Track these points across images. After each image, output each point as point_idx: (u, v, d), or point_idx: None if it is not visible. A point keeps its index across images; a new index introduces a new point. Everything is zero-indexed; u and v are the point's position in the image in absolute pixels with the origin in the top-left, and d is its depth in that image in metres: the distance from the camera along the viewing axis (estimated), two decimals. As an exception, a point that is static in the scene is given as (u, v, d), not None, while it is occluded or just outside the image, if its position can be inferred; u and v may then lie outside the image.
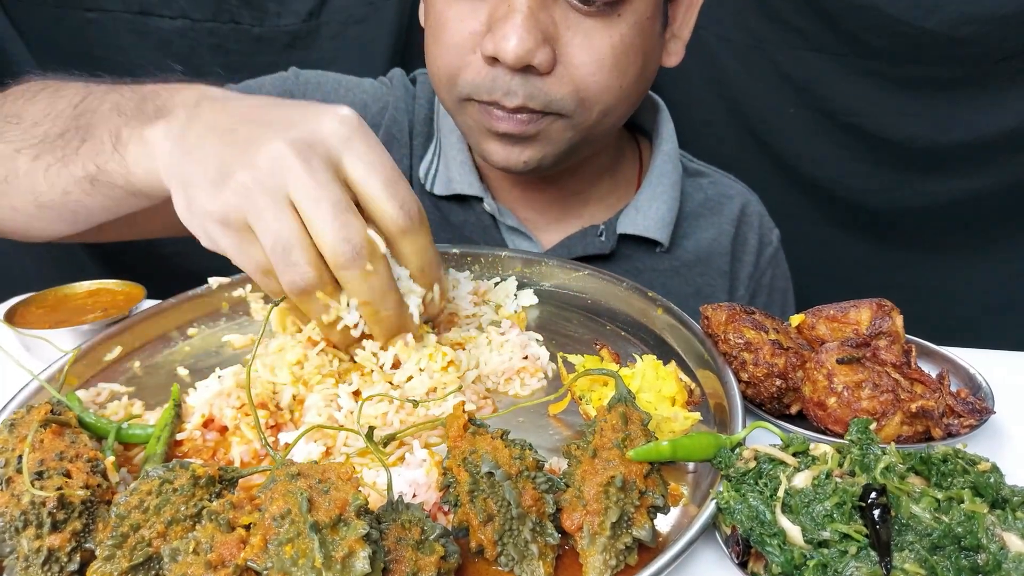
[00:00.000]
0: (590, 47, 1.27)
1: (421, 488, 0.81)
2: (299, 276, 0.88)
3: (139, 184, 1.04)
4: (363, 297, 0.91)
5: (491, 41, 1.23)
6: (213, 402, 0.93)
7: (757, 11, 2.33)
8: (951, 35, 2.14)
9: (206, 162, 0.91)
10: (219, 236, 0.90)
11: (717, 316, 1.00)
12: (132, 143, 1.03)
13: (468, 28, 1.27)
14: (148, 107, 1.06)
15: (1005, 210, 2.37)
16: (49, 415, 0.80)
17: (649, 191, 1.61)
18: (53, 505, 0.70)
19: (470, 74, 1.30)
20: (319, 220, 0.86)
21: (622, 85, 1.32)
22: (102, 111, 1.10)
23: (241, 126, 0.93)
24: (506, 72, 1.25)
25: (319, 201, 0.86)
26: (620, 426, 0.77)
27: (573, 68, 1.27)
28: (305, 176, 0.87)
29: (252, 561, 0.62)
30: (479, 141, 1.39)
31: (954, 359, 1.02)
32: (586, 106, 1.31)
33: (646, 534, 0.71)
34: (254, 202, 0.87)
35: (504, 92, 1.26)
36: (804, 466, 0.74)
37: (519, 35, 1.19)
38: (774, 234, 1.79)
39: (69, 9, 2.26)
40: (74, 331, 1.10)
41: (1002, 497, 0.71)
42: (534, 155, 1.36)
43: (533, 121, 1.31)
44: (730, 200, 1.74)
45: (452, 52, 1.30)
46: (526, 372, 1.04)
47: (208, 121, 0.96)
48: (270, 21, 2.33)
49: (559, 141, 1.35)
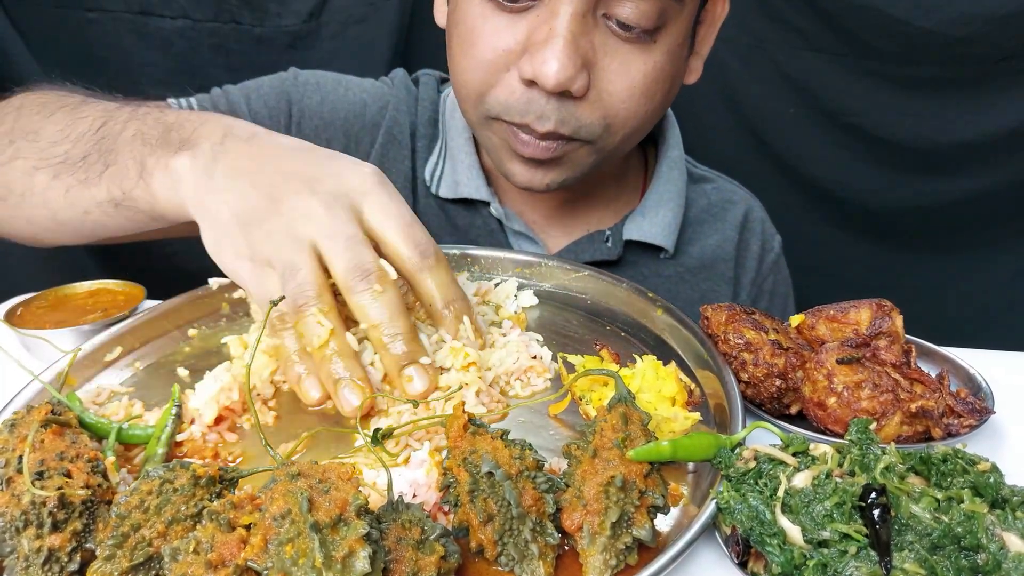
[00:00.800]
0: (625, 74, 1.26)
1: (421, 488, 0.81)
2: (300, 292, 0.92)
3: (162, 210, 1.07)
4: (373, 319, 0.93)
5: (530, 64, 1.21)
6: (219, 399, 0.93)
7: (757, 11, 2.33)
8: (951, 35, 2.14)
9: (237, 204, 0.97)
10: (242, 274, 0.97)
11: (717, 316, 1.00)
12: (158, 172, 1.05)
13: (503, 45, 1.25)
14: (172, 137, 1.07)
15: (1005, 210, 2.37)
16: (49, 415, 0.80)
17: (655, 197, 1.61)
18: (53, 505, 0.70)
19: (503, 93, 1.28)
20: (332, 250, 0.93)
21: (648, 111, 1.32)
22: (125, 137, 1.12)
23: (267, 172, 0.99)
24: (541, 95, 1.24)
25: (334, 236, 0.93)
26: (620, 426, 0.77)
27: (606, 95, 1.26)
28: (326, 220, 0.93)
29: (252, 561, 0.62)
30: (502, 160, 1.38)
31: (954, 359, 1.02)
32: (612, 132, 1.31)
33: (646, 534, 0.71)
34: (278, 245, 0.94)
35: (537, 116, 1.25)
36: (804, 466, 0.74)
37: (561, 61, 1.18)
38: (776, 240, 1.79)
39: (69, 9, 2.26)
40: (74, 331, 1.10)
41: (1002, 497, 0.71)
42: (556, 178, 1.37)
43: (560, 147, 1.30)
44: (733, 206, 1.74)
45: (484, 68, 1.28)
46: (533, 372, 1.04)
47: (234, 161, 1.01)
48: (271, 21, 2.33)
49: (582, 165, 1.36)
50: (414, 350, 0.95)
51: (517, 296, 1.23)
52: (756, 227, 1.75)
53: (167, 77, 2.37)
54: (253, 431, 0.93)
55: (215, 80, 2.38)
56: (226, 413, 0.94)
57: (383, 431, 0.86)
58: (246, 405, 0.95)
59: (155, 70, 2.37)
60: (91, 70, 2.35)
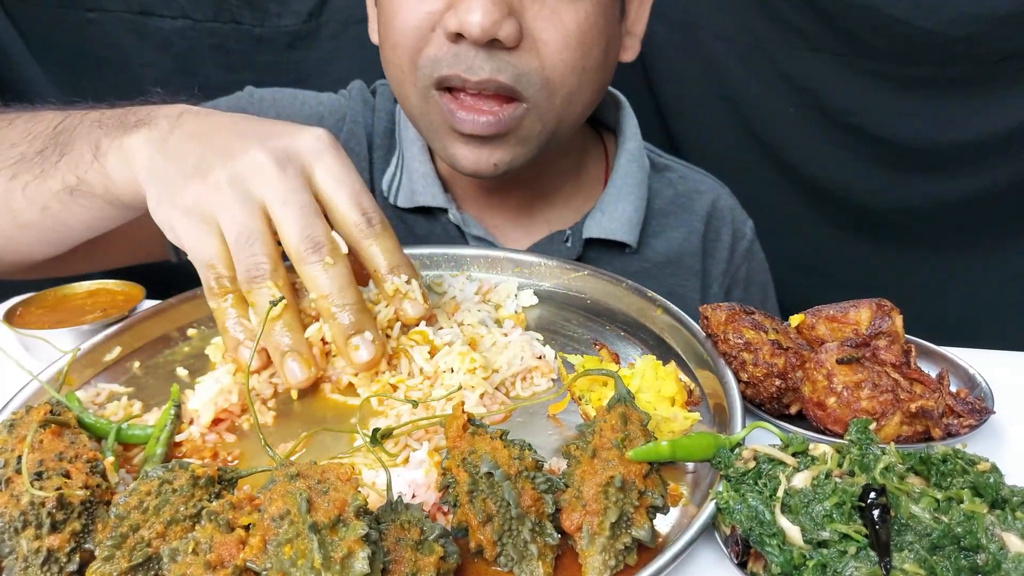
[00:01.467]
0: (557, 22, 1.25)
1: (420, 488, 0.81)
2: (255, 264, 0.93)
3: (118, 191, 1.06)
4: (323, 289, 0.94)
5: (454, 16, 1.21)
6: (217, 400, 0.93)
7: (757, 11, 2.32)
8: (951, 35, 2.14)
9: (183, 160, 0.97)
10: (180, 224, 0.95)
11: (716, 316, 1.00)
12: (112, 152, 1.05)
13: (425, 8, 1.25)
14: (130, 119, 1.07)
15: (1005, 210, 2.37)
16: (48, 415, 0.80)
17: (614, 192, 1.59)
18: (52, 505, 0.70)
19: (431, 50, 1.27)
20: (286, 218, 0.93)
21: (585, 67, 1.31)
22: (82, 127, 1.12)
23: (222, 134, 1.00)
24: (470, 48, 1.23)
25: (287, 203, 0.93)
26: (619, 426, 0.77)
27: (541, 44, 1.26)
28: (278, 181, 0.94)
29: (251, 562, 0.62)
30: (445, 145, 1.36)
31: (954, 359, 1.02)
32: (551, 88, 1.29)
33: (645, 534, 0.71)
34: (225, 196, 0.93)
35: (467, 67, 1.24)
36: (803, 466, 0.74)
37: (484, 7, 1.17)
38: (747, 226, 1.77)
39: (69, 9, 2.26)
40: (74, 331, 1.10)
41: (1001, 497, 0.71)
42: (504, 156, 1.34)
43: (501, 121, 1.28)
44: (700, 196, 1.72)
45: (410, 34, 1.28)
46: (537, 372, 1.04)
47: (190, 129, 1.02)
48: (271, 21, 2.33)
49: (529, 137, 1.34)
50: (362, 320, 0.96)
51: (517, 296, 1.23)
52: (726, 216, 1.73)
53: (167, 77, 2.37)
54: (252, 431, 0.93)
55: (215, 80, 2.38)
56: (225, 414, 0.94)
57: (382, 431, 0.86)
58: (245, 406, 0.95)
59: (155, 70, 2.37)
60: (91, 70, 2.35)
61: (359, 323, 0.96)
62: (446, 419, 0.80)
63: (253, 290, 0.94)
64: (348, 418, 0.95)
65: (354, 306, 0.96)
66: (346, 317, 0.95)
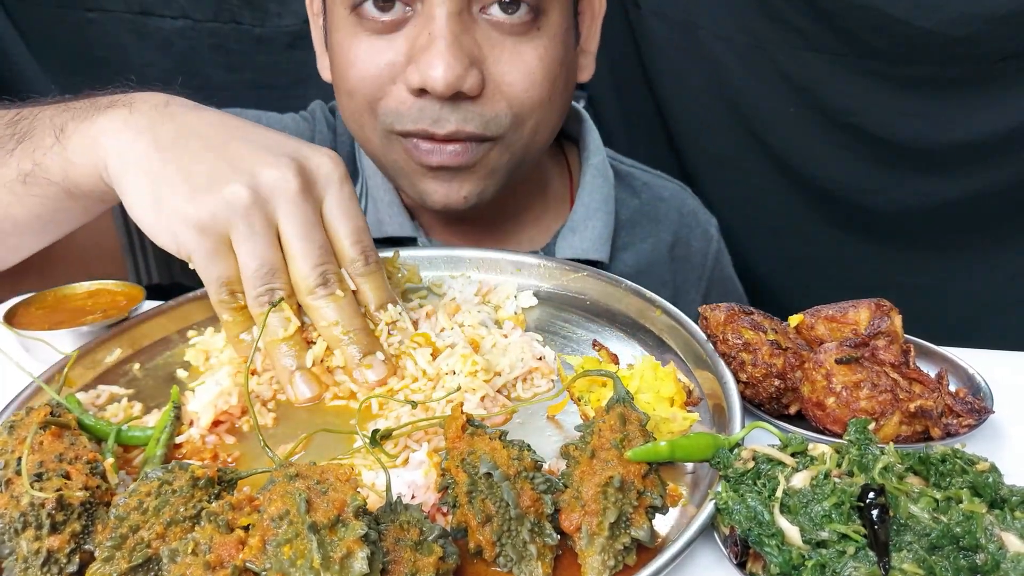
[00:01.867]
0: (519, 63, 1.25)
1: (420, 489, 0.81)
2: (271, 292, 0.95)
3: (79, 177, 1.02)
4: (331, 319, 0.96)
5: (416, 72, 1.19)
6: (216, 403, 0.93)
7: (757, 11, 2.32)
8: (951, 35, 2.14)
9: (192, 165, 0.93)
10: (190, 241, 0.93)
11: (715, 317, 1.00)
12: (77, 134, 1.00)
13: (384, 60, 1.24)
14: (102, 102, 1.03)
15: (1005, 210, 2.36)
16: (48, 417, 0.80)
17: (583, 210, 1.58)
18: (52, 507, 0.70)
19: (392, 103, 1.26)
20: (302, 253, 0.95)
21: (551, 98, 1.31)
22: (44, 114, 1.07)
23: (232, 140, 0.97)
24: (434, 102, 1.22)
25: (306, 240, 0.94)
26: (618, 427, 0.77)
27: (506, 87, 1.25)
28: (299, 213, 0.94)
29: (250, 562, 0.62)
30: (413, 182, 1.35)
31: (953, 359, 1.02)
32: (519, 122, 1.29)
33: (644, 534, 0.71)
34: (247, 220, 0.92)
35: (433, 120, 1.23)
36: (802, 466, 0.74)
37: (446, 62, 1.16)
38: (712, 226, 1.77)
39: (70, 9, 2.26)
40: (74, 332, 1.10)
41: (1000, 497, 0.71)
42: (474, 189, 1.34)
43: (469, 151, 1.28)
44: (663, 203, 1.71)
45: (369, 83, 1.26)
46: (537, 372, 1.04)
47: (188, 125, 0.98)
48: (271, 21, 2.33)
49: (497, 169, 1.33)
50: (371, 343, 0.99)
51: (516, 296, 1.23)
52: (690, 221, 1.73)
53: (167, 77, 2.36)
54: (252, 433, 0.93)
55: (215, 80, 2.38)
56: (225, 416, 0.94)
57: (382, 432, 0.86)
58: (245, 407, 0.95)
59: (155, 70, 2.37)
60: (91, 70, 2.35)
61: (369, 346, 0.99)
62: (445, 420, 0.80)
63: (262, 309, 0.96)
64: (348, 419, 0.96)
65: (362, 332, 0.99)
66: (357, 340, 0.98)
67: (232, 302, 0.97)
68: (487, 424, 0.87)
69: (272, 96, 2.41)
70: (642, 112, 2.54)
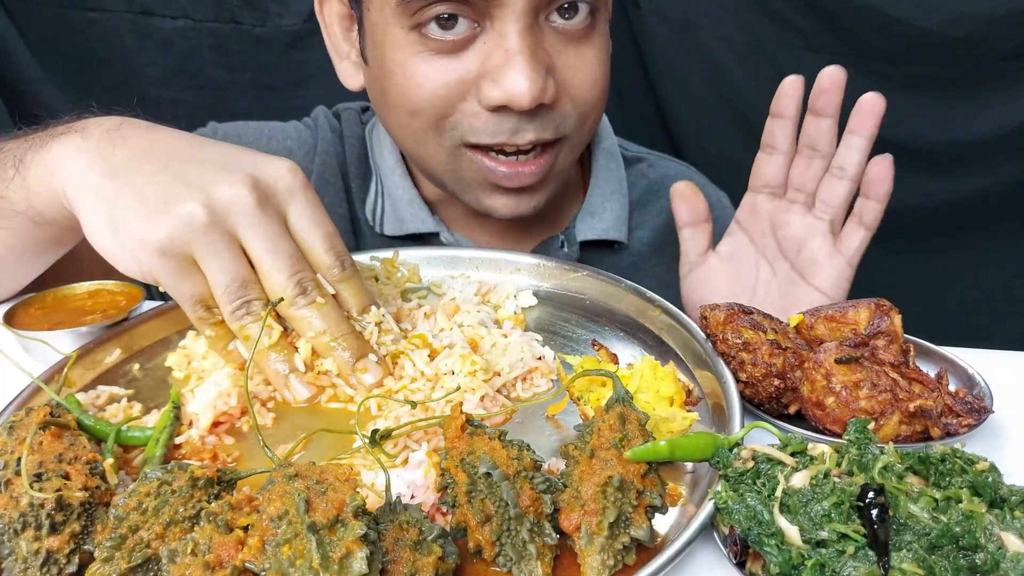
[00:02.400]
0: (585, 67, 1.27)
1: (419, 489, 0.81)
2: (247, 305, 0.93)
3: (41, 206, 1.02)
4: (317, 328, 0.95)
5: (496, 88, 1.19)
6: (216, 404, 0.93)
7: (757, 11, 2.32)
8: (951, 35, 2.14)
9: (146, 188, 0.92)
10: (154, 265, 0.92)
11: (715, 316, 1.00)
12: (35, 165, 1.01)
13: (455, 78, 1.23)
14: (57, 131, 1.03)
15: (1005, 210, 2.37)
16: (48, 417, 0.80)
17: (599, 193, 1.60)
18: (52, 507, 0.70)
19: (465, 119, 1.26)
20: (274, 266, 0.93)
21: (607, 92, 1.34)
22: (8, 147, 1.08)
23: (185, 163, 0.95)
24: (511, 116, 1.23)
25: (274, 252, 0.93)
26: (618, 426, 0.77)
27: (573, 89, 1.27)
28: (261, 226, 0.92)
29: (250, 562, 0.62)
30: (480, 197, 1.36)
31: (953, 359, 1.02)
32: (583, 121, 1.32)
33: (644, 534, 0.71)
34: (207, 238, 0.90)
35: (512, 133, 1.24)
36: (802, 466, 0.74)
37: (530, 77, 1.17)
38: (723, 197, 1.78)
39: (70, 9, 2.26)
40: (73, 333, 1.10)
41: (1000, 497, 0.71)
42: (543, 198, 1.36)
43: (543, 166, 1.29)
44: (671, 179, 1.70)
45: (437, 103, 1.25)
46: (537, 372, 1.04)
47: (140, 147, 0.97)
48: (271, 21, 2.33)
49: (563, 171, 1.36)
50: (362, 346, 0.98)
51: (516, 296, 1.23)
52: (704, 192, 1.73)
53: (167, 77, 2.38)
54: (251, 433, 0.93)
55: (215, 80, 2.38)
56: (224, 417, 0.94)
57: (381, 432, 0.86)
58: (244, 408, 0.95)
59: (155, 70, 2.37)
60: (92, 70, 2.35)
61: (360, 350, 0.98)
62: (445, 420, 0.80)
63: (246, 325, 0.94)
64: (347, 419, 0.96)
65: (351, 336, 0.98)
66: (347, 345, 0.97)
67: (210, 317, 0.96)
68: (486, 424, 0.87)
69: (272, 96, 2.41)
70: (642, 112, 2.54)
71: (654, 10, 2.39)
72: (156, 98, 2.37)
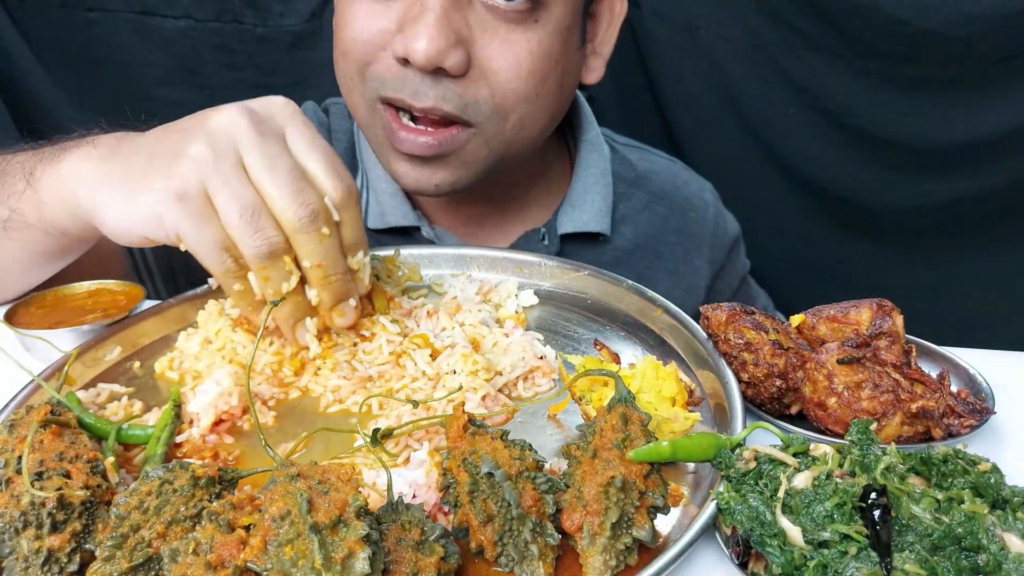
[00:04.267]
0: (508, 52, 1.25)
1: (421, 489, 0.81)
2: (267, 240, 0.91)
3: (51, 216, 1.03)
4: (318, 259, 0.94)
5: (401, 41, 1.21)
6: (217, 404, 0.93)
7: (757, 11, 2.33)
8: (951, 35, 2.14)
9: (150, 154, 0.95)
10: (173, 213, 0.91)
11: (717, 316, 1.00)
12: (46, 176, 1.03)
13: (377, 25, 1.25)
14: (68, 145, 1.05)
15: (1005, 210, 2.37)
16: (49, 416, 0.80)
17: (581, 184, 1.59)
18: (53, 506, 0.70)
19: (380, 68, 1.27)
20: (277, 187, 0.91)
21: (539, 94, 1.31)
22: (15, 160, 1.09)
23: (180, 122, 0.98)
24: (416, 74, 1.23)
25: (275, 169, 0.91)
26: (620, 426, 0.77)
27: (490, 73, 1.26)
28: (259, 142, 0.91)
29: (252, 562, 0.62)
30: (388, 159, 1.36)
31: (954, 359, 1.02)
32: (501, 114, 1.29)
33: (646, 534, 0.71)
34: (216, 168, 0.90)
35: (413, 92, 1.24)
36: (804, 466, 0.74)
37: (430, 35, 1.17)
38: (707, 191, 1.78)
39: (72, 9, 2.26)
40: (74, 331, 1.10)
41: (1002, 497, 0.71)
42: (446, 178, 1.34)
43: (442, 144, 1.28)
44: (657, 175, 1.73)
45: (360, 47, 1.27)
46: (539, 372, 1.04)
47: (140, 140, 1.00)
48: (273, 21, 2.33)
49: (473, 161, 1.33)
50: (349, 288, 0.99)
51: (517, 296, 1.23)
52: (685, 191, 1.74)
53: (168, 76, 2.37)
54: (252, 432, 0.93)
55: (217, 80, 2.38)
56: (225, 415, 0.94)
57: (383, 431, 0.86)
58: (245, 407, 0.95)
59: (157, 70, 2.37)
60: (93, 69, 2.35)
61: (347, 291, 0.99)
62: (447, 419, 0.80)
63: (268, 266, 0.92)
64: (348, 419, 0.96)
65: (344, 275, 0.98)
66: (337, 285, 0.97)
67: (237, 269, 0.94)
68: (488, 423, 0.87)
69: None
70: (642, 112, 2.54)
71: (654, 10, 2.39)
72: (156, 98, 2.37)
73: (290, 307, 0.97)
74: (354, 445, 0.90)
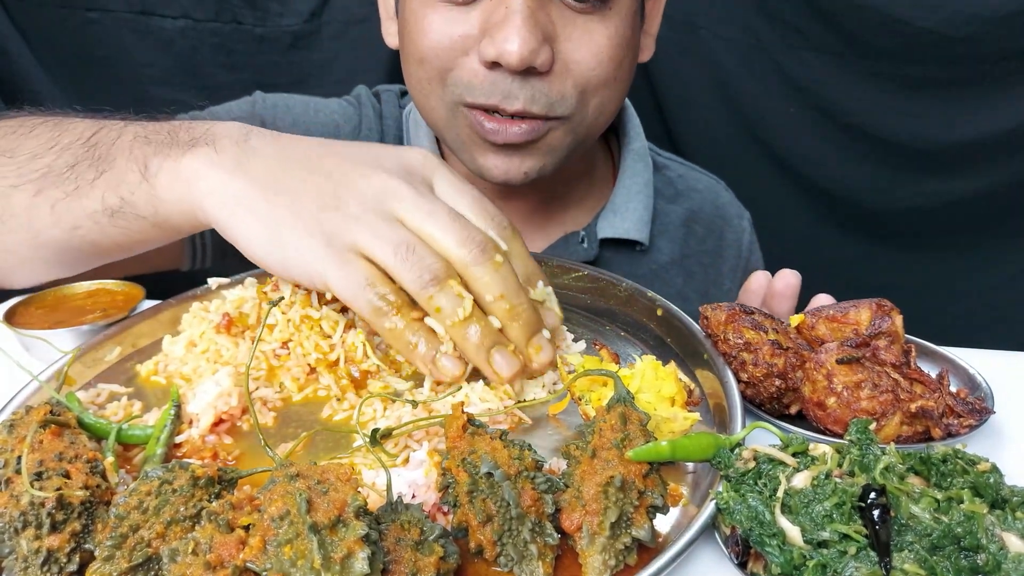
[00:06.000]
0: (589, 42, 1.27)
1: (420, 489, 0.80)
2: (428, 268, 0.89)
3: (168, 213, 1.01)
4: (499, 290, 0.92)
5: (491, 45, 1.21)
6: (216, 404, 0.93)
7: (757, 11, 2.33)
8: (951, 35, 2.14)
9: (296, 195, 0.93)
10: (320, 257, 0.91)
11: (716, 316, 1.00)
12: (164, 173, 0.98)
13: (459, 31, 1.25)
14: (182, 136, 1.01)
15: (1005, 210, 2.37)
16: (48, 416, 0.80)
17: (624, 192, 1.61)
18: (52, 506, 0.70)
19: (464, 75, 1.27)
20: (439, 228, 0.91)
21: (617, 78, 1.33)
22: (122, 142, 1.04)
23: (321, 162, 0.97)
24: (506, 76, 1.24)
25: (434, 214, 0.92)
26: (619, 426, 0.77)
27: (573, 65, 1.27)
28: (415, 197, 0.92)
29: (251, 562, 0.62)
30: (475, 156, 1.36)
31: (954, 359, 1.02)
32: (583, 103, 1.30)
33: (645, 534, 0.71)
34: (366, 223, 0.90)
35: (504, 95, 1.25)
36: (803, 466, 0.74)
37: (522, 36, 1.18)
38: (745, 219, 1.79)
39: (70, 9, 2.26)
40: (73, 331, 1.10)
41: (1002, 497, 0.71)
42: (535, 165, 1.35)
43: (534, 130, 1.29)
44: (698, 194, 1.74)
45: (441, 54, 1.27)
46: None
47: (272, 155, 0.98)
48: (272, 21, 2.33)
49: (559, 147, 1.35)
50: (540, 321, 0.96)
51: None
52: (724, 213, 1.75)
53: (168, 77, 2.37)
54: (252, 432, 0.93)
55: (216, 80, 2.38)
56: (225, 416, 0.94)
57: (382, 431, 0.86)
58: (245, 407, 0.95)
59: (156, 70, 2.37)
60: (92, 70, 2.35)
61: (539, 323, 0.96)
62: (446, 419, 0.80)
63: (434, 294, 0.90)
64: (347, 418, 0.95)
65: (530, 305, 0.95)
66: (527, 316, 0.94)
67: (387, 306, 0.91)
68: (488, 423, 0.87)
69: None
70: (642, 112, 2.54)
71: (654, 10, 2.39)
72: (156, 98, 2.37)
73: (481, 331, 0.91)
74: (353, 445, 0.90)
